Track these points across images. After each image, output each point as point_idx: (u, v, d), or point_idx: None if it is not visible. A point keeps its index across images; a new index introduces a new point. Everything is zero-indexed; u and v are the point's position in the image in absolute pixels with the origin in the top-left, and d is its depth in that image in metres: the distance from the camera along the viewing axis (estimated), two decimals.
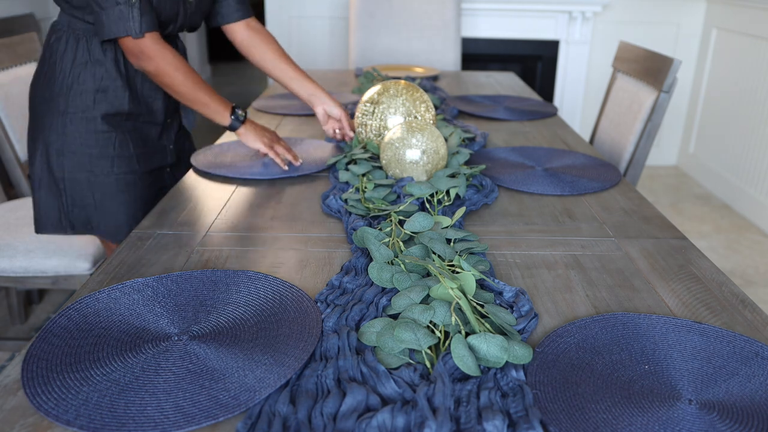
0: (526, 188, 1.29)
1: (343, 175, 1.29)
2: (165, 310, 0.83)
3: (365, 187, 1.22)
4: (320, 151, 1.51)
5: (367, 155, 1.37)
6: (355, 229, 1.04)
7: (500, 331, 0.77)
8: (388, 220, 1.08)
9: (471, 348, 0.71)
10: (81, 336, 0.77)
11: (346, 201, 1.18)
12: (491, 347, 0.71)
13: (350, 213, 1.13)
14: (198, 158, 1.44)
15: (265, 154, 1.42)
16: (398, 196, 1.20)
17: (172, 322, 0.80)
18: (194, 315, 0.82)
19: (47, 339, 0.76)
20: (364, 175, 1.29)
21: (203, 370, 0.70)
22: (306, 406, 0.64)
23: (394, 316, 0.81)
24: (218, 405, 0.64)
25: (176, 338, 0.76)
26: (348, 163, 1.37)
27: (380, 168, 1.34)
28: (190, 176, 1.36)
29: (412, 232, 1.00)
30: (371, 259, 0.96)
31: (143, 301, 0.84)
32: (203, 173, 1.38)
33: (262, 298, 0.85)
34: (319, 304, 0.83)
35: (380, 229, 1.02)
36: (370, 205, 1.13)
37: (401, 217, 1.08)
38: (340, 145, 1.55)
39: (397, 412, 0.62)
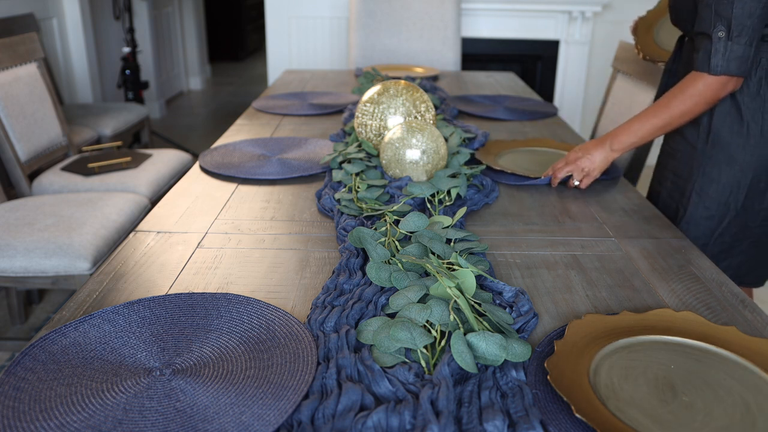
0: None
1: (337, 174, 1.29)
2: (141, 341, 0.75)
3: (358, 187, 1.21)
4: (321, 152, 1.51)
5: (361, 154, 1.37)
6: (345, 230, 1.04)
7: (498, 329, 0.77)
8: (382, 219, 1.08)
9: (469, 346, 0.71)
10: (50, 377, 0.68)
11: (338, 201, 1.18)
12: (490, 345, 0.71)
13: (342, 213, 1.13)
14: (205, 159, 1.44)
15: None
16: (391, 197, 1.20)
17: (151, 354, 0.73)
18: (174, 345, 0.74)
19: (12, 383, 0.66)
20: (357, 174, 1.29)
21: (193, 408, 0.63)
22: (310, 408, 0.64)
23: (393, 315, 0.81)
24: None
25: (158, 373, 0.69)
26: (342, 162, 1.37)
27: (375, 167, 1.33)
28: (191, 175, 1.36)
29: (408, 232, 1.00)
30: (365, 260, 0.95)
31: (116, 332, 0.76)
32: (205, 171, 1.38)
33: (246, 324, 0.79)
34: (316, 308, 0.82)
35: (375, 229, 1.02)
36: (363, 205, 1.13)
37: (396, 217, 1.08)
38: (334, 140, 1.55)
39: (391, 412, 0.62)
